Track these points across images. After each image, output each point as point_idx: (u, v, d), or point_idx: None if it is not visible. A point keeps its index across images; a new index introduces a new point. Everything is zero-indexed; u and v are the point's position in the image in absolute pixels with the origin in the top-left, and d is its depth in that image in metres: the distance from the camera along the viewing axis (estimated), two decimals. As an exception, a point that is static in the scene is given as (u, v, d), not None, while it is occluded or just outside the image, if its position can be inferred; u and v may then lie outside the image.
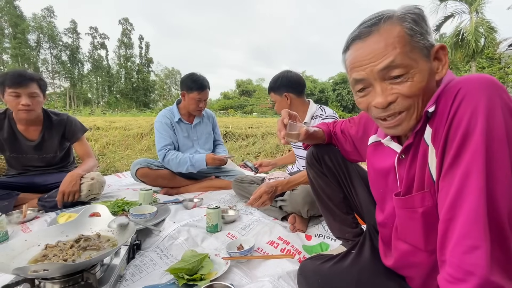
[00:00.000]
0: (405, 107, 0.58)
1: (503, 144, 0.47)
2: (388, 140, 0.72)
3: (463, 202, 0.48)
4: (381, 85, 0.58)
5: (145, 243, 1.23)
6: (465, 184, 0.48)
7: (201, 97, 1.99)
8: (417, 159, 0.62)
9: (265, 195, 1.36)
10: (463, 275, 0.46)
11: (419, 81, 0.56)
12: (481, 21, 12.34)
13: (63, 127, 1.83)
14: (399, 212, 0.68)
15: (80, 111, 21.63)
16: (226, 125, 6.96)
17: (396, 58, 0.55)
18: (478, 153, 0.47)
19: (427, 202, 0.60)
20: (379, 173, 0.77)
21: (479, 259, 0.45)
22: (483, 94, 0.48)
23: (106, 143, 4.26)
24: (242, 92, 53.96)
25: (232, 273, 1.02)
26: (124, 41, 49.04)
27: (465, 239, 0.47)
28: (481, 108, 0.47)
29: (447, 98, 0.52)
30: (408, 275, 0.74)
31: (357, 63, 0.61)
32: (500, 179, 0.47)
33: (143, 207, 1.45)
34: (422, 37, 0.56)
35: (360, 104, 0.66)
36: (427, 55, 0.57)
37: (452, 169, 0.50)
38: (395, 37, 0.55)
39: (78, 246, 0.94)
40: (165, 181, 2.00)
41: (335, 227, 1.16)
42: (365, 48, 0.59)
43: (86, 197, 1.67)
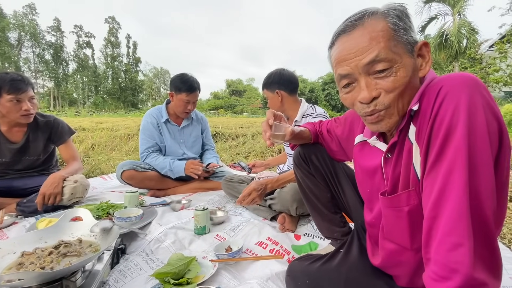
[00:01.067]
0: (388, 103, 0.58)
1: (484, 140, 0.47)
2: (374, 140, 0.72)
3: (446, 199, 0.48)
4: (365, 79, 0.59)
5: (130, 247, 1.19)
6: (448, 181, 0.48)
7: (190, 99, 1.95)
8: (402, 157, 0.62)
9: (254, 193, 1.35)
10: (448, 272, 0.46)
11: (402, 76, 0.56)
12: (463, 22, 12.75)
13: (50, 129, 1.77)
14: (385, 211, 0.68)
15: (65, 112, 20.97)
16: (216, 125, 6.92)
17: (380, 52, 0.55)
18: (460, 149, 0.47)
19: (413, 200, 0.60)
20: (366, 172, 0.77)
21: (463, 256, 0.45)
22: (465, 91, 0.48)
23: (91, 145, 4.14)
24: (233, 92, 53.77)
25: (220, 276, 1.00)
26: (110, 40, 47.89)
27: (448, 236, 0.47)
28: (462, 106, 0.47)
29: (429, 96, 0.53)
30: (395, 274, 0.75)
31: (342, 57, 0.61)
32: (483, 175, 0.47)
33: (129, 210, 1.41)
34: (405, 32, 0.57)
35: (345, 101, 0.66)
36: (410, 51, 0.58)
37: (436, 166, 0.51)
38: (379, 32, 0.56)
39: (57, 252, 0.90)
40: (152, 182, 1.96)
41: (323, 227, 1.16)
42: (350, 42, 0.59)
43: (68, 201, 1.61)
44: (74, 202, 1.66)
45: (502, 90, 9.43)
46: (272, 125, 0.86)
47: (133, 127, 5.96)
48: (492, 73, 8.80)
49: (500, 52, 8.30)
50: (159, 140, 2.04)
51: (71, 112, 20.84)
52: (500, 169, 0.50)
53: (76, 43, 45.63)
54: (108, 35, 47.83)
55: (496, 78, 8.59)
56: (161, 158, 1.96)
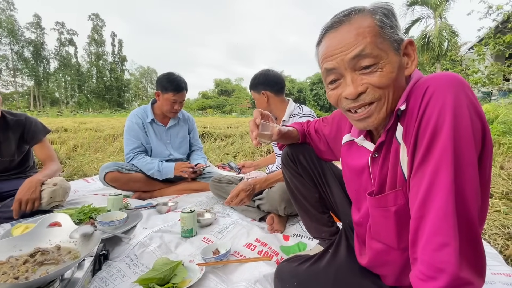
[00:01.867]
0: (375, 98, 0.58)
1: (469, 140, 0.48)
2: (362, 139, 0.72)
3: (433, 199, 0.48)
4: (351, 75, 0.58)
5: (114, 253, 1.15)
6: (434, 181, 0.48)
7: (176, 98, 1.91)
8: (389, 157, 0.62)
9: (242, 193, 1.34)
10: (434, 272, 0.47)
11: (389, 71, 0.56)
12: (445, 25, 13.21)
13: (21, 128, 1.66)
14: (373, 211, 0.68)
15: (47, 112, 20.19)
16: (205, 125, 6.84)
17: (366, 47, 0.55)
18: (446, 149, 0.47)
19: (400, 200, 0.60)
20: (353, 172, 0.77)
21: (449, 256, 0.45)
22: (450, 91, 0.48)
23: (74, 146, 3.99)
24: (221, 92, 53.43)
25: (207, 280, 0.97)
26: (95, 38, 46.45)
27: (435, 236, 0.47)
28: (448, 106, 0.48)
29: (416, 96, 0.53)
30: (382, 273, 0.75)
31: (328, 52, 0.61)
32: (468, 175, 0.47)
33: (112, 214, 1.36)
34: (392, 30, 0.58)
35: (331, 97, 0.65)
36: (396, 49, 0.58)
37: (423, 166, 0.51)
38: (365, 28, 0.56)
39: (33, 261, 0.85)
40: (137, 184, 1.90)
41: (311, 227, 1.15)
42: (337, 37, 0.59)
43: (47, 205, 1.53)
44: (53, 207, 1.59)
45: (480, 91, 9.85)
46: (259, 124, 0.84)
47: (119, 127, 5.80)
48: (472, 75, 9.17)
49: (478, 54, 8.64)
50: (145, 140, 1.98)
51: (53, 112, 20.08)
52: (483, 168, 0.51)
53: (58, 41, 43.98)
54: (92, 33, 46.37)
55: (475, 79, 8.94)
56: (148, 159, 1.91)
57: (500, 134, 3.47)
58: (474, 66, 9.16)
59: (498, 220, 1.49)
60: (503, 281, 0.94)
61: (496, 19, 8.27)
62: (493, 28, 8.55)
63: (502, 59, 9.96)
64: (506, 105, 4.88)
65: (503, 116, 3.89)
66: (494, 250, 1.18)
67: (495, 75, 8.77)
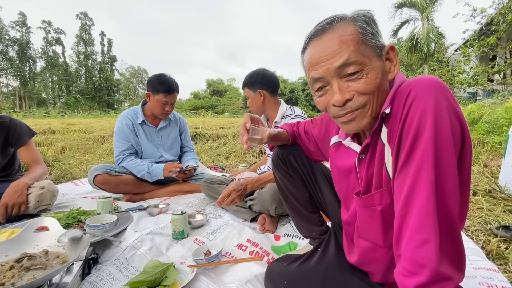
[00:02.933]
0: (361, 104, 0.60)
1: (449, 142, 0.50)
2: (349, 141, 0.74)
3: (415, 198, 0.50)
4: (338, 82, 0.60)
5: (104, 256, 1.14)
6: (416, 181, 0.50)
7: (167, 100, 1.89)
8: (375, 158, 0.64)
9: (234, 193, 1.34)
10: (416, 268, 0.48)
11: (373, 77, 0.58)
12: (432, 27, 13.54)
13: (6, 130, 1.62)
14: (360, 210, 0.70)
15: (33, 113, 19.63)
16: (196, 125, 6.80)
17: (350, 55, 0.57)
18: (428, 150, 0.49)
19: (385, 200, 0.63)
20: (341, 173, 0.79)
21: (429, 252, 0.47)
22: (431, 95, 0.51)
23: (62, 148, 3.90)
24: (213, 92, 53.16)
25: (198, 281, 0.98)
26: (83, 37, 45.50)
27: (417, 234, 0.49)
28: (429, 109, 0.50)
29: (400, 99, 0.55)
30: (370, 270, 0.77)
31: (314, 60, 0.62)
32: (448, 174, 0.50)
33: (102, 217, 1.34)
34: (373, 36, 0.59)
35: (319, 104, 0.67)
36: (379, 55, 0.60)
37: (406, 166, 0.53)
38: (348, 35, 0.58)
39: (19, 266, 0.84)
40: (128, 187, 1.88)
41: (302, 227, 1.17)
42: (321, 45, 0.61)
43: (35, 209, 1.50)
44: (41, 210, 1.55)
45: (466, 91, 10.15)
46: (249, 128, 0.85)
47: (109, 128, 5.71)
48: (458, 75, 9.44)
49: (464, 55, 8.90)
50: (135, 142, 1.96)
51: (39, 113, 19.54)
52: (462, 167, 0.54)
53: (45, 40, 42.90)
54: (80, 32, 45.44)
55: (461, 79, 9.21)
56: (138, 161, 1.89)
57: (484, 133, 3.59)
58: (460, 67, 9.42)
59: (480, 217, 1.55)
60: (484, 275, 0.98)
61: (480, 21, 8.54)
62: (478, 30, 8.82)
63: (486, 60, 10.29)
64: (490, 105, 5.06)
65: (487, 116, 4.02)
66: (476, 245, 1.23)
67: (480, 76, 9.05)
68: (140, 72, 57.27)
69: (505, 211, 1.64)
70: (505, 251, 1.18)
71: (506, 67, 8.61)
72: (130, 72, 56.60)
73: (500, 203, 1.74)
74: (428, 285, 0.47)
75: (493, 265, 1.05)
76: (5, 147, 1.64)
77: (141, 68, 57.95)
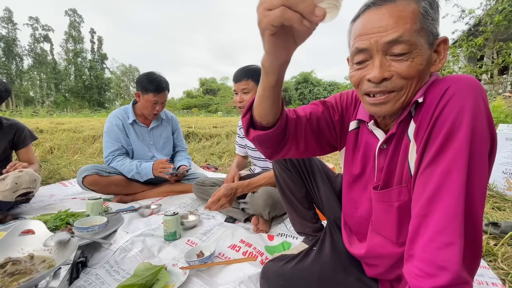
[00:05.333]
0: (397, 87, 0.57)
1: (484, 144, 0.49)
2: (373, 125, 0.69)
3: (441, 198, 0.49)
4: (381, 58, 0.56)
5: (93, 259, 1.11)
6: (445, 181, 0.49)
7: (157, 99, 1.85)
8: (399, 152, 0.62)
9: (223, 199, 1.32)
10: (435, 270, 0.47)
11: (418, 63, 0.55)
12: (422, 28, 13.76)
13: (14, 132, 1.73)
14: (376, 205, 0.68)
15: (21, 112, 19.06)
16: (189, 124, 6.73)
17: (404, 33, 0.53)
18: (461, 151, 0.48)
19: (404, 196, 0.61)
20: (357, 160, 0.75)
21: (453, 255, 0.46)
22: (471, 95, 0.49)
23: (50, 148, 3.80)
24: (206, 91, 52.79)
25: (191, 283, 0.96)
26: (72, 34, 44.45)
27: (440, 235, 0.48)
28: (468, 109, 0.48)
29: (434, 94, 0.53)
30: (374, 263, 0.75)
31: (364, 31, 0.57)
32: (478, 178, 0.48)
33: (91, 219, 1.31)
34: (433, 21, 0.56)
35: (353, 78, 0.63)
36: (431, 43, 0.56)
37: (432, 165, 0.51)
38: (409, 12, 0.54)
39: (3, 272, 0.81)
40: (118, 188, 1.84)
41: (296, 222, 1.18)
42: (377, 16, 0.56)
43: (14, 192, 1.37)
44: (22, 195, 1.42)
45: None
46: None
47: (99, 127, 5.59)
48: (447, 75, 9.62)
49: (453, 56, 9.08)
50: (126, 142, 1.92)
51: (27, 112, 18.97)
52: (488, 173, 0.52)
53: (32, 37, 41.74)
54: (69, 29, 44.39)
55: (450, 79, 9.40)
56: (127, 161, 1.85)
57: (473, 132, 3.66)
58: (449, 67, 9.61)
59: (470, 214, 1.58)
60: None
61: (469, 22, 8.72)
62: (466, 31, 9.01)
63: (474, 60, 10.53)
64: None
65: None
66: (467, 242, 1.25)
67: (468, 75, 9.24)
68: (131, 70, 56.38)
69: (493, 208, 1.67)
70: (494, 247, 1.20)
71: (493, 67, 8.82)
72: (121, 71, 55.65)
73: (489, 200, 1.78)
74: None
75: (483, 262, 1.07)
76: (8, 147, 1.73)
77: (133, 67, 57.05)
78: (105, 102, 47.97)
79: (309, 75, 39.10)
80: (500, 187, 1.92)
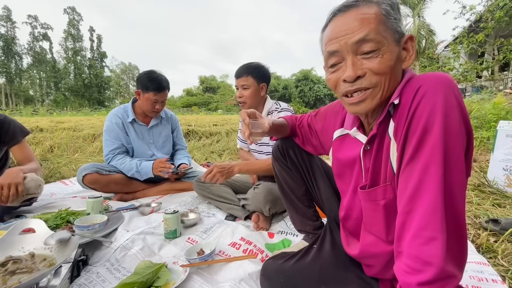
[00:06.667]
0: (372, 84, 0.59)
1: (458, 139, 0.49)
2: (355, 131, 0.73)
3: (422, 194, 0.50)
4: (352, 58, 0.60)
5: (94, 257, 1.11)
6: (424, 177, 0.50)
7: (158, 98, 1.85)
8: (382, 151, 0.63)
9: (215, 169, 1.32)
10: (421, 265, 0.48)
11: (388, 59, 0.58)
12: (423, 24, 13.71)
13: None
14: (364, 204, 0.69)
15: (21, 111, 19.08)
16: (189, 123, 6.72)
17: (370, 32, 0.57)
18: (436, 147, 0.49)
19: (389, 194, 0.62)
20: (345, 165, 0.78)
21: (436, 249, 0.47)
22: (441, 92, 0.50)
23: (50, 147, 3.81)
24: (206, 89, 52.68)
25: (191, 281, 0.96)
26: (71, 32, 44.25)
27: (423, 230, 0.49)
28: (439, 106, 0.49)
29: (408, 94, 0.55)
30: (369, 263, 0.77)
31: (333, 35, 0.62)
32: (456, 172, 0.49)
33: (92, 217, 1.31)
34: (395, 21, 0.60)
35: (330, 81, 0.66)
36: (397, 40, 0.60)
37: (412, 162, 0.52)
38: (371, 14, 0.58)
39: (4, 270, 0.81)
40: (118, 186, 1.84)
41: (297, 220, 1.18)
42: (343, 21, 0.61)
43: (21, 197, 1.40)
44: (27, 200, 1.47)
45: (456, 88, 10.34)
46: (249, 124, 0.85)
47: (99, 126, 5.60)
48: (447, 72, 9.61)
49: (453, 52, 9.05)
50: (126, 141, 1.91)
51: (27, 111, 18.99)
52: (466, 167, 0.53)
53: (31, 35, 41.59)
54: (68, 27, 44.20)
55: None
56: (127, 159, 1.85)
57: (473, 128, 3.66)
58: (450, 64, 9.57)
59: (470, 211, 1.58)
60: (474, 269, 1.00)
61: (470, 18, 8.68)
62: (467, 27, 8.96)
63: (475, 57, 10.49)
64: (479, 101, 5.16)
65: (475, 112, 4.11)
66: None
67: (469, 72, 9.23)
68: (131, 68, 56.21)
69: (493, 205, 1.67)
70: (494, 244, 1.20)
71: (494, 63, 8.79)
72: (121, 69, 55.50)
73: (489, 197, 1.78)
74: (432, 283, 0.47)
75: (483, 259, 1.07)
76: None
77: (132, 65, 56.88)
78: (105, 101, 47.89)
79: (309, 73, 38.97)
80: (500, 184, 1.92)
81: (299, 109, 32.50)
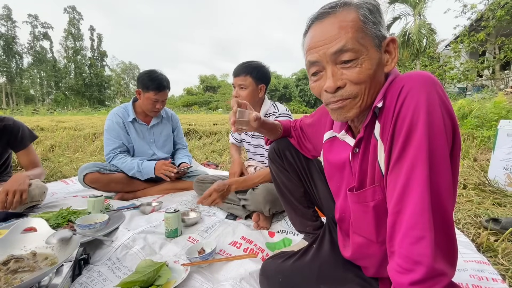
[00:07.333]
0: (352, 94, 0.60)
1: (442, 137, 0.50)
2: (343, 134, 0.73)
3: (409, 194, 0.50)
4: (332, 69, 0.60)
5: (95, 256, 1.11)
6: (410, 177, 0.50)
7: (158, 98, 1.85)
8: (368, 153, 0.64)
9: (215, 193, 1.31)
10: (412, 265, 0.48)
11: (367, 68, 0.58)
12: (423, 23, 13.67)
13: (9, 133, 1.59)
14: (353, 206, 0.70)
15: (21, 110, 19.10)
16: (190, 122, 6.73)
17: (347, 42, 0.57)
18: (421, 146, 0.49)
19: (378, 196, 0.62)
20: (335, 167, 0.78)
21: (424, 249, 0.47)
22: (424, 91, 0.50)
23: (51, 146, 3.81)
24: (206, 88, 52.63)
25: (192, 280, 0.97)
26: (71, 31, 44.23)
27: (411, 230, 0.49)
28: (422, 105, 0.50)
29: (392, 94, 0.55)
30: (363, 265, 0.78)
31: (312, 44, 0.61)
32: (442, 170, 0.49)
33: (93, 216, 1.31)
34: (374, 26, 0.59)
35: (314, 89, 0.67)
36: (378, 45, 0.59)
37: (399, 163, 0.53)
38: (349, 22, 0.57)
39: (6, 269, 0.81)
40: (119, 185, 1.84)
41: (296, 221, 1.17)
42: (321, 29, 0.60)
43: (24, 205, 1.44)
44: (30, 207, 1.51)
45: (456, 86, 10.32)
46: (236, 112, 0.84)
47: (100, 125, 5.60)
48: (448, 71, 9.59)
49: (454, 51, 9.03)
50: (126, 140, 1.92)
51: (28, 110, 19.01)
52: (453, 163, 0.53)
53: (31, 34, 41.58)
54: (69, 27, 44.17)
55: (451, 75, 9.35)
56: (128, 159, 1.85)
57: (474, 127, 3.66)
58: (451, 63, 9.55)
59: (471, 210, 1.58)
60: (474, 268, 1.00)
61: (471, 17, 8.66)
62: (468, 26, 8.94)
63: (476, 56, 10.46)
64: (479, 100, 5.15)
65: (476, 111, 4.10)
66: (467, 238, 1.25)
67: (470, 71, 9.21)
68: (131, 68, 56.15)
69: (494, 204, 1.68)
70: (495, 243, 1.20)
71: (495, 62, 8.77)
72: (121, 68, 55.44)
73: (490, 196, 1.78)
74: (423, 282, 0.47)
75: (483, 258, 1.08)
76: (6, 149, 1.62)
77: (133, 64, 56.82)
78: (105, 100, 47.89)
79: (310, 72, 38.82)
80: (500, 183, 1.92)
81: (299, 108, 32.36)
